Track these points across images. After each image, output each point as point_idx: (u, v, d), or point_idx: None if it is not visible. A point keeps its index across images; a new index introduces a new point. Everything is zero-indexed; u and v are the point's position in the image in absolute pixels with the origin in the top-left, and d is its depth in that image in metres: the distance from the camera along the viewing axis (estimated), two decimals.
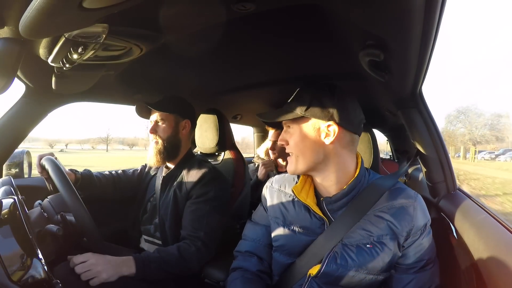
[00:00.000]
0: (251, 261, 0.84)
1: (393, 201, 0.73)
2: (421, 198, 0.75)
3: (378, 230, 0.71)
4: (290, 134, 0.77)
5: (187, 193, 1.11)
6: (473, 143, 32.36)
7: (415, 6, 0.51)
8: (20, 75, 0.91)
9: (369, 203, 0.72)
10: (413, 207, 0.72)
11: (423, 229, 0.72)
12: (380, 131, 3.48)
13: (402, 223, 0.70)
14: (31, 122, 1.06)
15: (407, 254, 0.72)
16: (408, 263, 0.72)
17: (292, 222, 0.79)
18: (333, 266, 0.71)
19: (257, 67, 1.24)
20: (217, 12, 0.69)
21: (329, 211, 0.76)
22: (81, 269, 0.82)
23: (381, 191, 0.74)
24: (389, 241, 0.70)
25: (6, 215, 0.67)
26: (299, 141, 0.75)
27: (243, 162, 1.49)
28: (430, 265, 0.72)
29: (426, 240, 0.73)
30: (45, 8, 0.42)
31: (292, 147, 0.76)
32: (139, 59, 0.83)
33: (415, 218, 0.71)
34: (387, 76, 0.84)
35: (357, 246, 0.71)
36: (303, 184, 0.81)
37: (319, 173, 0.77)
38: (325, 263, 0.71)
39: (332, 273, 0.71)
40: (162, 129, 1.14)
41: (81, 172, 1.20)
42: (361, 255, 0.70)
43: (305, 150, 0.75)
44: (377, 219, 0.72)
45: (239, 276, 0.81)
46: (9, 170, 1.17)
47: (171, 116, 1.16)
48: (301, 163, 0.76)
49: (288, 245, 0.78)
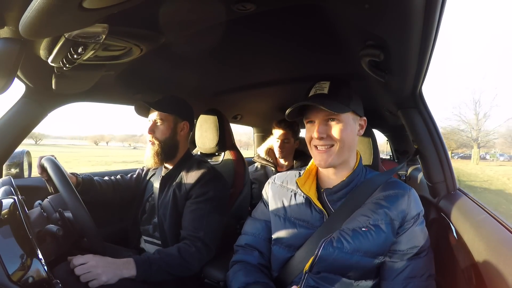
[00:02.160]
0: (252, 254, 0.86)
1: (389, 191, 0.79)
2: (414, 190, 0.80)
3: (375, 215, 0.75)
4: (334, 126, 0.77)
5: (187, 193, 1.11)
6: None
7: (415, 6, 0.51)
8: (20, 75, 0.91)
9: (365, 194, 0.78)
10: (407, 196, 0.77)
11: (416, 217, 0.76)
12: (380, 131, 3.48)
13: (397, 209, 0.75)
14: (31, 122, 1.06)
15: (402, 241, 0.75)
16: (403, 249, 0.74)
17: (292, 216, 0.82)
18: (330, 249, 0.73)
19: (257, 67, 1.24)
20: (217, 12, 0.69)
21: (329, 202, 0.80)
22: (80, 270, 0.82)
23: (376, 184, 0.79)
24: (384, 225, 0.74)
25: (6, 215, 0.67)
26: (345, 133, 0.77)
27: (243, 162, 1.49)
28: (424, 253, 0.75)
29: (419, 229, 0.76)
30: (45, 8, 0.42)
31: (336, 139, 0.77)
32: (139, 59, 0.83)
33: (409, 206, 0.76)
34: (387, 76, 0.84)
35: (353, 230, 0.74)
36: (307, 177, 0.85)
37: (342, 165, 0.80)
38: (321, 247, 0.73)
39: (328, 256, 0.73)
40: (160, 130, 1.13)
41: (82, 175, 1.20)
42: (357, 238, 0.73)
43: (348, 142, 0.78)
44: (375, 205, 0.76)
45: (241, 268, 0.82)
46: (9, 170, 1.17)
47: (170, 117, 1.14)
48: (342, 154, 0.78)
49: (288, 237, 0.80)
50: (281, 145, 1.81)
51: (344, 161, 0.80)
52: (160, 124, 1.13)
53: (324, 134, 0.77)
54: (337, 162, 0.78)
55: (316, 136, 0.77)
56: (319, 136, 0.77)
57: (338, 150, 0.77)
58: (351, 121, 0.79)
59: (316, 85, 0.81)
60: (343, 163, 0.80)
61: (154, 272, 0.93)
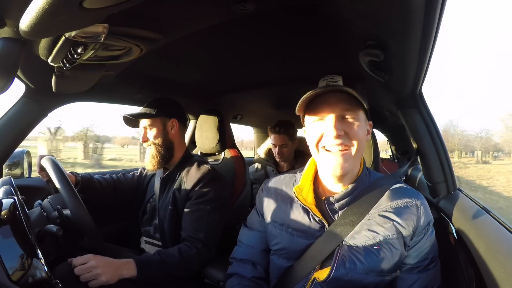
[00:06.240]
0: (245, 267, 0.83)
1: (397, 200, 0.72)
2: (423, 197, 0.75)
3: (384, 231, 0.69)
4: (351, 124, 0.68)
5: (187, 194, 1.11)
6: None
7: (415, 6, 0.51)
8: (20, 75, 0.91)
9: (371, 203, 0.71)
10: (417, 206, 0.71)
11: (427, 228, 0.72)
12: (380, 131, 3.47)
13: (407, 223, 0.70)
14: (31, 122, 1.06)
15: (412, 254, 0.71)
16: (413, 262, 0.71)
17: (290, 225, 0.76)
18: (342, 271, 0.68)
19: (257, 67, 1.24)
20: (217, 12, 0.69)
21: (331, 211, 0.73)
22: (80, 271, 0.82)
23: (382, 190, 0.72)
24: (396, 241, 0.69)
25: (6, 215, 0.67)
26: (362, 133, 0.69)
27: (243, 162, 1.49)
28: (433, 264, 0.72)
29: (430, 239, 0.72)
30: (45, 8, 0.42)
31: (354, 139, 0.68)
32: (139, 59, 0.83)
33: (420, 218, 0.70)
34: (387, 76, 0.84)
35: (364, 248, 0.68)
36: (304, 183, 0.77)
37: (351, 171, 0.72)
38: (334, 268, 0.68)
39: (342, 278, 0.68)
40: (152, 134, 1.16)
41: (81, 174, 1.20)
42: (370, 257, 0.68)
43: (363, 144, 0.70)
44: (383, 219, 0.70)
45: (237, 282, 0.80)
46: (9, 170, 1.17)
47: (156, 120, 1.16)
48: (357, 160, 0.70)
49: (287, 248, 0.76)
50: (279, 150, 1.79)
51: (354, 168, 0.72)
52: (150, 130, 1.16)
53: (341, 131, 0.66)
54: (351, 168, 0.68)
55: (333, 134, 0.65)
56: (337, 133, 0.64)
57: (355, 154, 0.67)
58: (363, 123, 0.71)
59: (326, 77, 0.72)
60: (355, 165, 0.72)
61: (154, 273, 0.93)
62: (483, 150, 30.05)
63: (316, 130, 0.70)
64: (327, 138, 0.67)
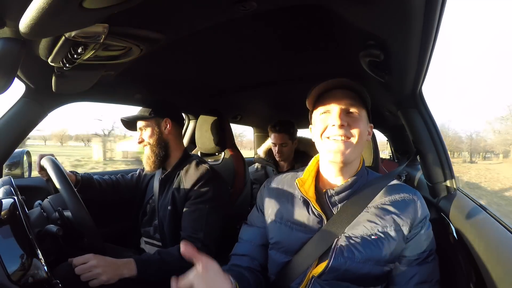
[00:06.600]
0: (242, 259, 0.84)
1: (395, 195, 0.76)
2: (419, 193, 0.78)
3: (383, 221, 0.72)
4: (354, 118, 0.74)
5: (186, 194, 1.11)
6: None
7: (415, 6, 0.51)
8: (20, 75, 0.91)
9: (368, 198, 0.75)
10: (414, 200, 0.75)
11: (424, 221, 0.74)
12: (380, 131, 3.48)
13: (405, 215, 0.73)
14: (31, 122, 1.06)
15: (410, 246, 0.73)
16: (412, 255, 0.73)
17: (289, 219, 0.79)
18: (341, 260, 0.70)
19: (257, 67, 1.24)
20: (217, 12, 0.69)
21: (331, 204, 0.77)
22: (81, 270, 0.82)
23: (380, 187, 0.76)
24: (393, 231, 0.71)
25: (6, 215, 0.67)
26: (363, 128, 0.74)
27: (243, 162, 1.49)
28: (432, 257, 0.74)
29: (427, 233, 0.75)
30: (45, 8, 0.42)
31: (355, 132, 0.72)
32: (139, 59, 0.83)
33: (417, 211, 0.74)
34: (387, 76, 0.84)
35: (362, 238, 0.71)
36: (307, 177, 0.81)
37: (348, 165, 0.76)
38: (332, 257, 0.71)
39: (340, 267, 0.70)
40: (147, 135, 1.17)
41: (81, 174, 1.20)
42: (368, 246, 0.70)
43: (363, 140, 0.75)
44: (381, 211, 0.73)
45: (233, 268, 0.81)
46: (9, 170, 1.17)
47: (150, 121, 1.18)
48: (356, 151, 0.74)
49: (285, 242, 0.77)
50: (279, 149, 1.79)
51: (353, 161, 0.76)
52: (145, 130, 1.18)
53: (345, 122, 0.71)
54: (351, 158, 0.73)
55: (337, 123, 0.70)
56: (341, 123, 0.70)
57: (356, 145, 0.72)
58: (365, 122, 0.76)
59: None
60: (350, 163, 0.76)
61: (154, 272, 0.93)
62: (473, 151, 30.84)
63: (322, 122, 0.75)
64: (331, 129, 0.72)
